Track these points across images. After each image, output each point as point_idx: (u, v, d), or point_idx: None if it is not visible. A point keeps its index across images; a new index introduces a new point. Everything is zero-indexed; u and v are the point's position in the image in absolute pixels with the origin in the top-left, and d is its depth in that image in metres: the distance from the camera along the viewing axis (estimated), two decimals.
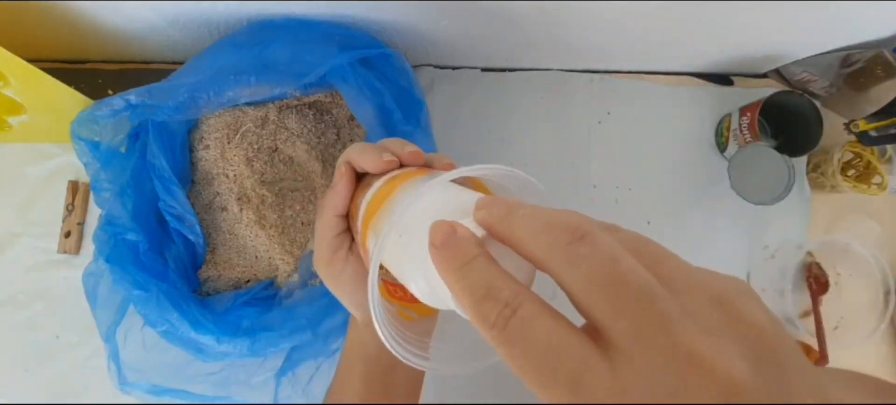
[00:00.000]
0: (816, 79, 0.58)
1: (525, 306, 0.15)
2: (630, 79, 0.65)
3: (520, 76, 0.64)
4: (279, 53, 0.47)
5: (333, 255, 0.33)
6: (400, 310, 0.30)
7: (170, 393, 0.50)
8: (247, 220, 0.52)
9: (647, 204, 0.62)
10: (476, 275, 0.17)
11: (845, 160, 0.60)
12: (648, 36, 0.54)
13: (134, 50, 0.59)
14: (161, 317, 0.46)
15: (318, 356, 0.51)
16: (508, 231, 0.18)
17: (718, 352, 0.13)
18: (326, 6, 0.49)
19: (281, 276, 0.54)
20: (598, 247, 0.15)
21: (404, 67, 0.51)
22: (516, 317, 0.15)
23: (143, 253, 0.49)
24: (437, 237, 0.18)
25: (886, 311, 0.58)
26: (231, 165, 0.53)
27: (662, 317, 0.13)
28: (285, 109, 0.55)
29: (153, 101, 0.47)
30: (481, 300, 0.16)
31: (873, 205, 0.62)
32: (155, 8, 0.49)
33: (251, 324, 0.48)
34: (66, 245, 0.59)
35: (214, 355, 0.48)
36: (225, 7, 0.49)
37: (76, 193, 0.59)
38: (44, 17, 0.50)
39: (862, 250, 0.58)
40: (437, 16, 0.50)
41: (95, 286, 0.48)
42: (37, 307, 0.59)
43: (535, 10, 0.48)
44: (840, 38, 0.52)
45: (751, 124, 0.56)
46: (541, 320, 0.15)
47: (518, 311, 0.15)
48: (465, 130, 0.63)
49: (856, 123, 0.55)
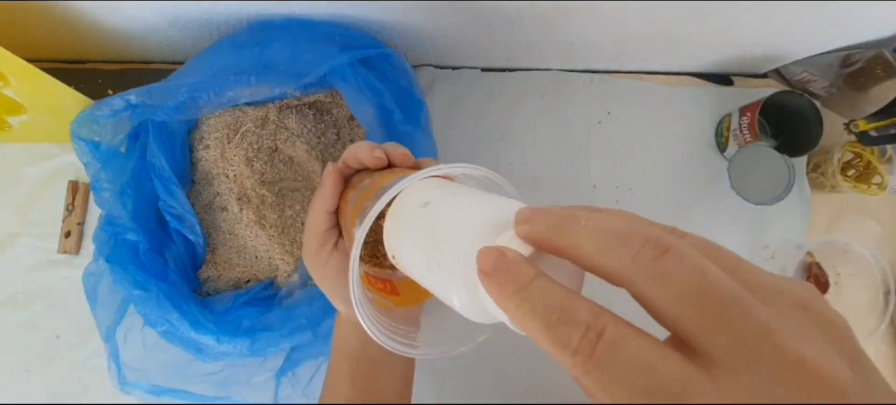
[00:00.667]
0: (816, 79, 0.58)
1: (610, 327, 0.14)
2: (630, 79, 0.65)
3: (520, 76, 0.64)
4: (279, 53, 0.47)
5: (321, 248, 0.35)
6: (377, 299, 0.30)
7: (170, 393, 0.50)
8: (247, 220, 0.52)
9: (647, 204, 0.62)
10: (542, 299, 0.16)
11: (845, 160, 0.60)
12: (648, 36, 0.54)
13: (134, 50, 0.59)
14: (161, 317, 0.46)
15: (318, 356, 0.51)
16: (570, 244, 0.16)
17: (823, 358, 0.13)
18: (326, 6, 0.49)
19: (281, 276, 0.54)
20: (684, 261, 0.14)
21: (404, 67, 0.51)
22: (604, 341, 0.14)
23: (144, 253, 0.49)
24: (486, 265, 0.17)
25: (886, 311, 0.58)
26: (231, 165, 0.53)
27: (763, 327, 0.13)
28: (285, 109, 0.55)
29: (153, 101, 0.47)
30: (557, 325, 0.15)
31: (873, 205, 0.62)
32: (155, 8, 0.49)
33: (251, 324, 0.48)
34: (66, 245, 0.59)
35: (214, 355, 0.48)
36: (225, 7, 0.49)
37: (76, 193, 0.59)
38: (44, 17, 0.50)
39: (862, 250, 0.58)
40: (437, 16, 0.50)
41: (95, 286, 0.48)
42: (37, 307, 0.59)
43: (535, 10, 0.48)
44: (840, 38, 0.52)
45: (751, 124, 0.56)
46: (631, 341, 0.14)
47: (604, 334, 0.14)
48: (465, 130, 0.63)
49: (856, 123, 0.55)
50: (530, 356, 0.61)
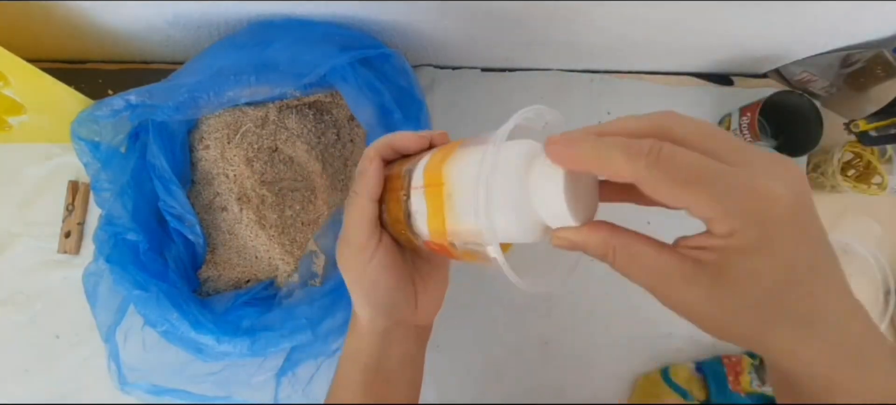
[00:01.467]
0: (816, 79, 0.58)
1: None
2: (630, 79, 0.65)
3: (520, 76, 0.64)
4: (279, 54, 0.47)
5: (368, 240, 0.32)
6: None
7: (170, 393, 0.50)
8: (247, 220, 0.52)
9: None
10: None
11: (845, 160, 0.60)
12: (649, 36, 0.54)
13: (134, 50, 0.59)
14: (161, 316, 0.46)
15: (319, 356, 0.51)
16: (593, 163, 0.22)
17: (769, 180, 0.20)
18: (326, 6, 0.49)
19: (281, 276, 0.54)
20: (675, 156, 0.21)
21: (404, 67, 0.51)
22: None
23: (144, 253, 0.49)
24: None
25: (886, 311, 0.58)
26: (231, 165, 0.53)
27: (747, 148, 0.21)
28: (285, 109, 0.55)
29: (153, 101, 0.47)
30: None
31: (873, 205, 0.62)
32: (155, 8, 0.49)
33: (251, 323, 0.48)
34: (66, 245, 0.59)
35: (214, 355, 0.48)
36: (225, 7, 0.49)
37: (76, 193, 0.59)
38: (44, 17, 0.50)
39: (862, 250, 0.58)
40: (437, 16, 0.50)
41: (95, 286, 0.48)
42: (37, 307, 0.59)
43: (536, 9, 0.48)
44: (840, 38, 0.52)
45: (751, 124, 0.56)
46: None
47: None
48: (465, 130, 0.63)
49: (856, 123, 0.55)
50: (530, 356, 0.61)
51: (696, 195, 0.20)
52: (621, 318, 0.60)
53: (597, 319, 0.61)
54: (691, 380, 0.56)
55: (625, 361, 0.60)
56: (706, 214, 0.21)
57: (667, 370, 0.57)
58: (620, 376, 0.60)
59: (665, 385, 0.56)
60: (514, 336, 0.61)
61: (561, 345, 0.61)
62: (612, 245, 0.24)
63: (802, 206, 0.20)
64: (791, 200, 0.20)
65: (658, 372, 0.58)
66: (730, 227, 0.20)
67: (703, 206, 0.20)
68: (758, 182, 0.20)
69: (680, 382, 0.56)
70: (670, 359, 0.59)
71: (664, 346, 0.60)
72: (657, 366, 0.59)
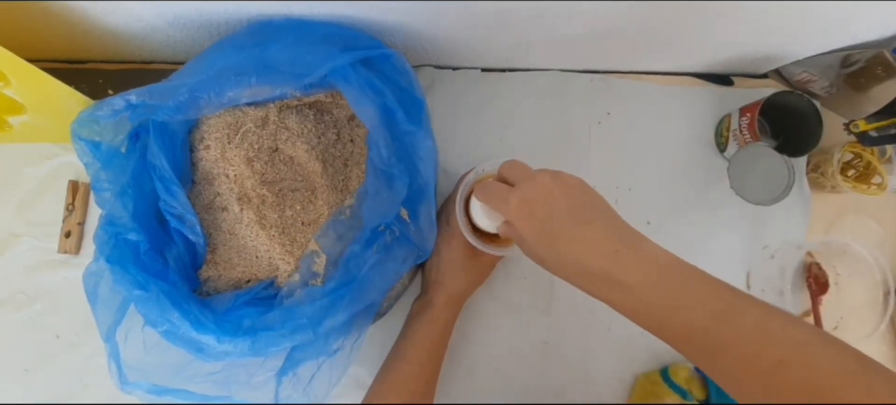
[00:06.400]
0: (816, 79, 0.58)
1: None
2: (630, 79, 0.65)
3: (520, 76, 0.64)
4: (280, 54, 0.47)
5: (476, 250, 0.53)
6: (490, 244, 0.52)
7: (170, 393, 0.50)
8: (247, 220, 0.52)
9: (647, 204, 0.62)
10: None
11: (845, 160, 0.60)
12: (648, 36, 0.54)
13: (134, 50, 0.59)
14: (161, 316, 0.46)
15: (319, 356, 0.51)
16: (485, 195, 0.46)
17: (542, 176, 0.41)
18: (327, 6, 0.49)
19: (281, 276, 0.54)
20: (513, 193, 0.41)
21: (405, 67, 0.51)
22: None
23: (144, 253, 0.49)
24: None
25: (886, 311, 0.58)
26: (231, 165, 0.53)
27: (527, 174, 0.42)
28: (286, 109, 0.55)
29: (154, 101, 0.47)
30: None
31: (873, 205, 0.62)
32: (155, 8, 0.49)
33: (252, 323, 0.48)
34: (66, 245, 0.59)
35: (215, 355, 0.48)
36: (225, 7, 0.49)
37: (76, 193, 0.59)
38: (44, 17, 0.50)
39: (862, 250, 0.58)
40: (437, 16, 0.50)
41: (96, 286, 0.48)
42: (37, 307, 0.59)
43: (535, 10, 0.48)
44: (840, 38, 0.52)
45: (751, 124, 0.56)
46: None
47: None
48: (465, 130, 0.63)
49: (856, 123, 0.55)
50: (530, 356, 0.61)
51: (494, 203, 0.44)
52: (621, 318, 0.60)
53: (597, 319, 0.61)
54: (691, 379, 0.56)
55: (625, 361, 0.60)
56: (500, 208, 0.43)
57: (666, 370, 0.57)
58: (620, 376, 0.60)
59: (665, 385, 0.56)
60: (514, 336, 0.61)
61: (561, 345, 0.61)
62: (503, 230, 0.44)
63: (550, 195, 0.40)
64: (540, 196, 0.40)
65: (658, 372, 0.58)
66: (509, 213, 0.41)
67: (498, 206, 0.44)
68: (521, 189, 0.41)
69: (680, 382, 0.56)
70: (670, 359, 0.59)
71: (664, 346, 0.59)
72: (657, 366, 0.59)
